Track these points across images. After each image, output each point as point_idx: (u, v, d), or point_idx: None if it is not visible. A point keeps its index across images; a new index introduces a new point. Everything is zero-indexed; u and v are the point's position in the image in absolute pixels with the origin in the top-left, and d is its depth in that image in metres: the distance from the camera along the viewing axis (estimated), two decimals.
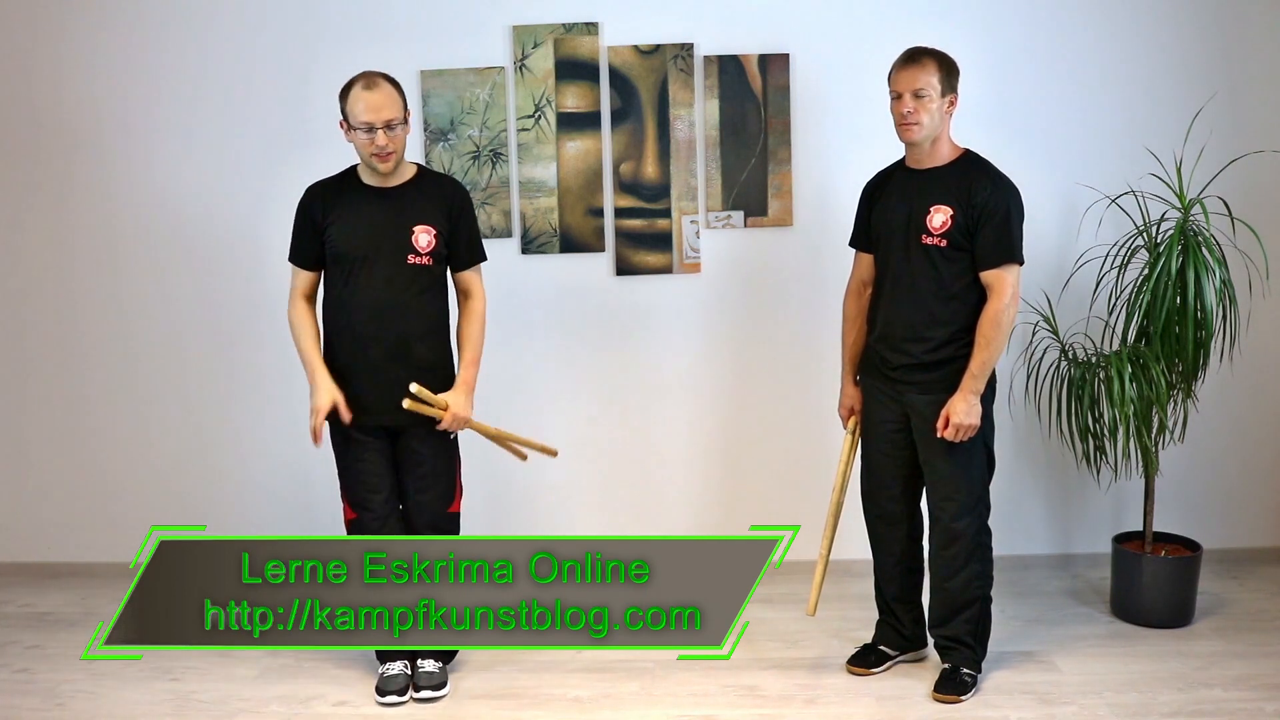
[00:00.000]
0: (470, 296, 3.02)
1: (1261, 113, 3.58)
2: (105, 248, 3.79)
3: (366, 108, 2.75)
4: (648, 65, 3.63)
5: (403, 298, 2.86)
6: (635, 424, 3.81)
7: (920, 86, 2.76)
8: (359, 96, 2.77)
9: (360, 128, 2.77)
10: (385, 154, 2.79)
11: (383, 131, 2.76)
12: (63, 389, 3.89)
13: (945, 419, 2.79)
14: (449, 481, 3.01)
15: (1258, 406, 3.73)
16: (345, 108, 2.81)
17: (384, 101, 2.77)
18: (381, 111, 2.76)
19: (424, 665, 3.02)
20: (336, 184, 2.93)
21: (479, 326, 2.99)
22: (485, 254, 3.04)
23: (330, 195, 2.90)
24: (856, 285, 3.06)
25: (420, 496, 2.96)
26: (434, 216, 2.89)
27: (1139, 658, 3.11)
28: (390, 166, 2.82)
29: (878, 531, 3.08)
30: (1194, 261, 3.16)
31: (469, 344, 2.97)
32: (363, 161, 2.87)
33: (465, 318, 3.01)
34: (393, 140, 2.78)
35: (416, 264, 2.87)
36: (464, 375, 2.94)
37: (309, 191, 2.93)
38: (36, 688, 3.11)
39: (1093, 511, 3.78)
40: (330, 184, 2.93)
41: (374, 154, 2.79)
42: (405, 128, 2.83)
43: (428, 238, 2.87)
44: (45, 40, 3.70)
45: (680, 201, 3.69)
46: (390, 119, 2.77)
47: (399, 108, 2.80)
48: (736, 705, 2.92)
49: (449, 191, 2.95)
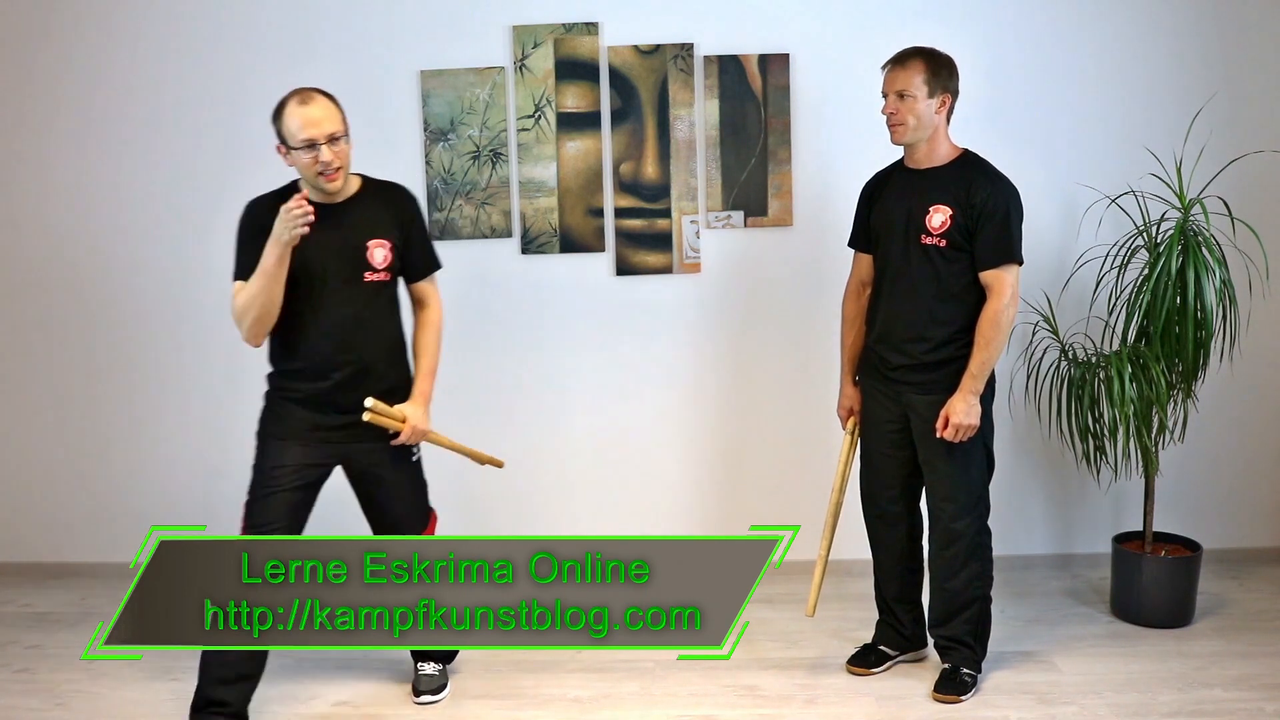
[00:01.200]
0: (426, 306, 2.89)
1: (1261, 113, 3.58)
2: (104, 247, 3.79)
3: (305, 123, 2.55)
4: (648, 65, 3.63)
5: (363, 317, 2.71)
6: (634, 423, 3.81)
7: (903, 88, 2.77)
8: (295, 113, 2.56)
9: (300, 147, 2.56)
10: (331, 171, 2.59)
11: (326, 147, 2.56)
12: (63, 389, 3.90)
13: (945, 419, 2.79)
14: (421, 508, 2.93)
15: (1258, 406, 3.73)
16: (281, 128, 2.59)
17: (323, 115, 2.57)
18: (322, 125, 2.56)
19: (424, 669, 3.02)
20: (278, 203, 2.61)
21: (436, 337, 2.87)
22: (439, 261, 2.90)
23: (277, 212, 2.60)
24: (855, 285, 3.06)
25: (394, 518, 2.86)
26: (387, 229, 2.73)
27: (1139, 658, 3.11)
28: (339, 184, 2.63)
29: (877, 531, 3.08)
30: (1194, 261, 3.16)
31: (426, 354, 2.84)
32: (306, 183, 2.66)
33: (422, 328, 2.87)
34: (338, 155, 2.59)
35: (374, 281, 2.71)
36: (421, 387, 2.81)
37: (256, 205, 2.68)
38: (36, 688, 3.11)
39: (1093, 511, 3.78)
40: (274, 201, 2.64)
41: (319, 173, 2.59)
42: (348, 141, 2.64)
43: (383, 252, 2.71)
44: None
45: (680, 201, 3.69)
46: (333, 132, 2.57)
47: (339, 120, 2.61)
48: (736, 705, 2.92)
49: (398, 201, 2.79)
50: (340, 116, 2.62)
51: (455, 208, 3.70)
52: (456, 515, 3.86)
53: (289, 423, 2.74)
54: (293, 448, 2.72)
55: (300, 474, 2.72)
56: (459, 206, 3.70)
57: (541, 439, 3.83)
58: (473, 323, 3.76)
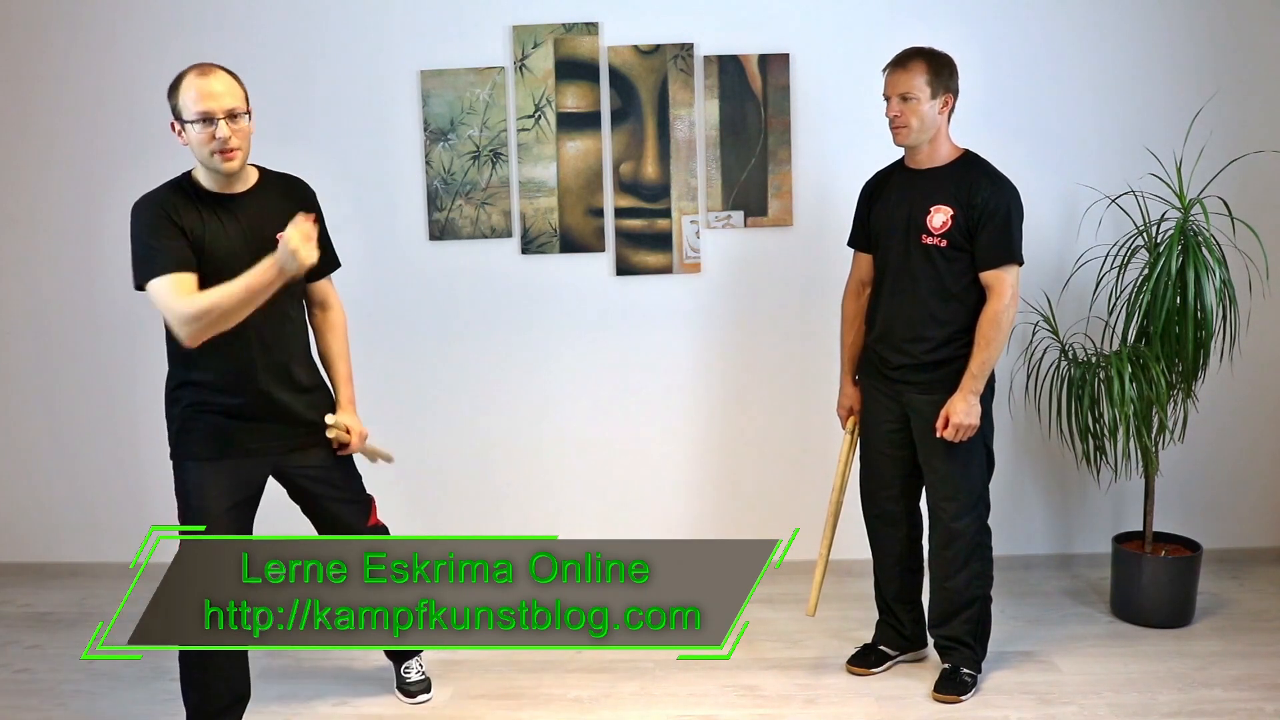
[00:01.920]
0: (329, 308, 2.75)
1: (1261, 113, 3.58)
2: (104, 246, 3.79)
3: (201, 95, 2.35)
4: (648, 65, 3.63)
5: (279, 313, 2.52)
6: (635, 423, 3.81)
7: (906, 90, 2.76)
8: (191, 84, 2.37)
9: (196, 120, 2.36)
10: (229, 149, 2.39)
11: (225, 122, 2.36)
12: (63, 389, 3.90)
13: (945, 419, 2.79)
14: (361, 492, 2.83)
15: (1257, 407, 3.73)
16: (176, 102, 2.39)
17: (224, 89, 2.38)
18: (221, 99, 2.36)
19: (408, 674, 3.01)
20: (178, 196, 2.45)
21: (345, 339, 2.74)
22: (339, 260, 2.76)
23: (180, 208, 2.43)
24: (855, 285, 3.06)
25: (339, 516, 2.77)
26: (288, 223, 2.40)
27: (1139, 658, 3.12)
28: (236, 165, 2.43)
29: (877, 531, 3.08)
30: (1194, 261, 3.16)
31: (341, 360, 2.73)
32: (201, 164, 2.45)
33: (330, 332, 2.74)
34: (237, 133, 2.39)
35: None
36: (346, 393, 2.72)
37: (154, 203, 2.43)
38: (36, 688, 3.11)
39: (1093, 511, 3.78)
40: (170, 196, 2.45)
41: (216, 150, 2.38)
42: (250, 121, 2.45)
43: None
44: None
45: (680, 201, 3.69)
46: (232, 108, 2.38)
47: (240, 96, 2.41)
48: (736, 705, 2.92)
49: (298, 193, 2.63)
50: (243, 93, 2.43)
51: (455, 208, 3.70)
52: (457, 515, 3.87)
53: (213, 441, 2.55)
54: (221, 470, 2.56)
55: (236, 497, 2.59)
56: (459, 206, 3.70)
57: (541, 438, 3.83)
58: (473, 323, 3.76)
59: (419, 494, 3.73)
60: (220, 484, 2.57)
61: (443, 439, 3.82)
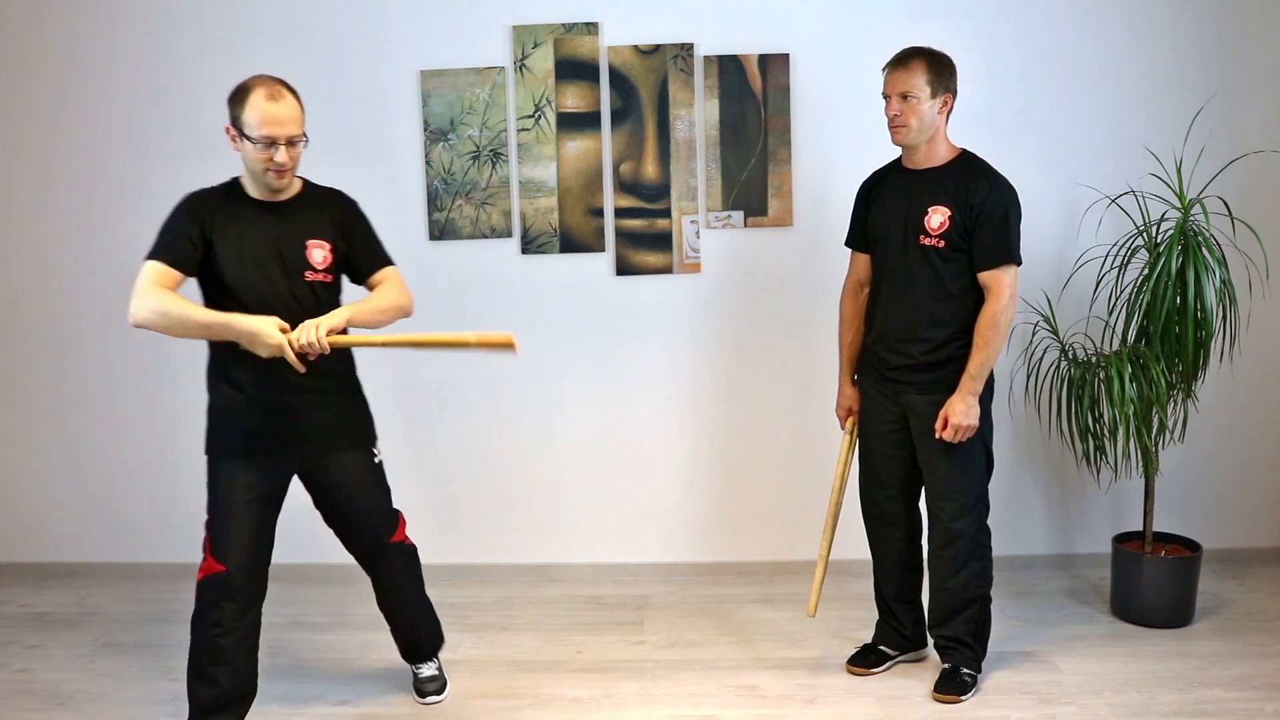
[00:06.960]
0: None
1: (1261, 113, 3.58)
2: (104, 246, 3.79)
3: (268, 119, 2.47)
4: (648, 65, 3.63)
5: (309, 315, 2.57)
6: (635, 422, 3.81)
7: (906, 89, 2.76)
8: (259, 106, 2.48)
9: (259, 141, 2.49)
10: (282, 170, 2.54)
11: (285, 148, 2.50)
12: (62, 389, 3.90)
13: (944, 419, 2.79)
14: (387, 512, 2.84)
15: (1257, 407, 3.73)
16: (240, 115, 2.51)
17: (289, 115, 2.50)
18: (287, 126, 2.50)
19: (423, 671, 3.01)
20: (222, 197, 2.61)
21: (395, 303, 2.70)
22: (391, 259, 2.80)
23: (217, 208, 2.58)
24: (853, 285, 3.06)
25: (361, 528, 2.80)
26: (325, 230, 2.66)
27: (1139, 658, 3.12)
28: (285, 184, 2.59)
29: (876, 532, 3.08)
30: (1194, 261, 3.16)
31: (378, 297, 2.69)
32: (250, 174, 2.60)
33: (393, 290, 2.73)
34: (293, 158, 2.54)
35: (314, 280, 2.63)
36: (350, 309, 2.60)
37: (195, 199, 2.60)
38: (36, 688, 3.10)
39: (1093, 511, 3.78)
40: (215, 196, 2.61)
41: (270, 170, 2.54)
42: (305, 144, 2.58)
43: (322, 253, 2.64)
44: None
45: (680, 201, 3.69)
46: (294, 135, 2.52)
47: (302, 122, 2.55)
48: (736, 705, 2.92)
49: (336, 204, 2.73)
50: (302, 118, 2.56)
51: (455, 208, 3.70)
52: (458, 514, 3.88)
53: (241, 438, 2.63)
54: (248, 466, 2.63)
55: (258, 491, 2.63)
56: (459, 206, 3.70)
57: (541, 438, 3.83)
58: (473, 323, 3.75)
59: (419, 493, 3.73)
60: (246, 478, 2.63)
61: (443, 438, 3.83)
